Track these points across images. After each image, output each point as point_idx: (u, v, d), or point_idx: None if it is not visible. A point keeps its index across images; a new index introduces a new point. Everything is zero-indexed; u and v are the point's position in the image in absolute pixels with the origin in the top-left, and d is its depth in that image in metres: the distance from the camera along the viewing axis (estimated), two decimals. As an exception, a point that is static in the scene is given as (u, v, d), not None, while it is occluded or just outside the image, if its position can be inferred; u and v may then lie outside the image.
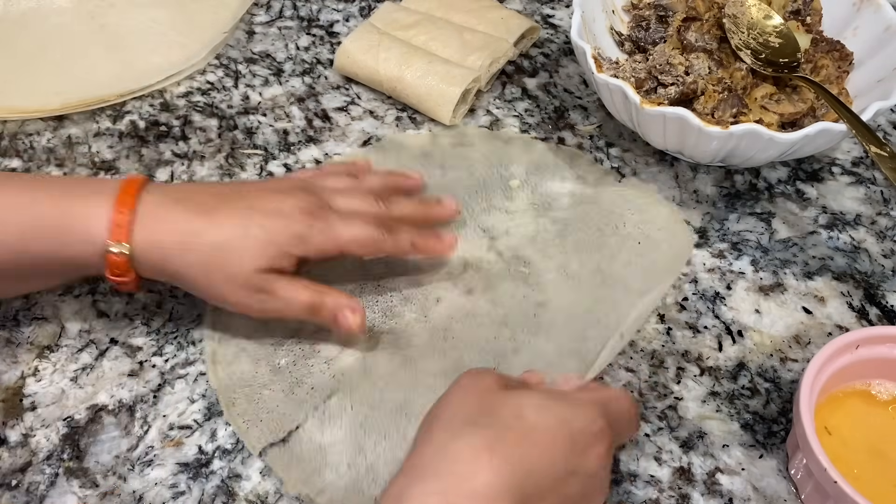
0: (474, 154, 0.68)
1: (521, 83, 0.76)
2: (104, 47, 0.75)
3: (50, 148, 0.69)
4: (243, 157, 0.69)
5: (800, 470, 0.51)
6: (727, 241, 0.64)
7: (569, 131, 0.72)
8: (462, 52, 0.72)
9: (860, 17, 0.68)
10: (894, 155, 0.59)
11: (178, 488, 0.51)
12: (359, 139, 0.70)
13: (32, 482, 0.51)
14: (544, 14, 0.82)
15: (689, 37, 0.66)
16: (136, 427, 0.53)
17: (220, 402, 0.54)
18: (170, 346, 0.57)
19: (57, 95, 0.71)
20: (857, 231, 0.65)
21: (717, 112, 0.63)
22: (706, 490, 0.52)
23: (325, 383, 0.55)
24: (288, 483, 0.51)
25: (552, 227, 0.64)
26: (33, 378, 0.55)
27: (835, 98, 0.61)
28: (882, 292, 0.62)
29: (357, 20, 0.81)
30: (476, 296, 0.60)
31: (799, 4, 0.69)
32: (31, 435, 0.53)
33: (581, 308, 0.59)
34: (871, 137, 0.59)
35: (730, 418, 0.55)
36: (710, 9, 0.68)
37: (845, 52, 0.67)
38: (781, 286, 0.62)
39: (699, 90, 0.64)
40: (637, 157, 0.69)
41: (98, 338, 0.57)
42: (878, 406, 0.53)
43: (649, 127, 0.62)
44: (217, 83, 0.74)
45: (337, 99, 0.74)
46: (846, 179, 0.69)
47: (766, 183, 0.68)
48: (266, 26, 0.80)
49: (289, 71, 0.76)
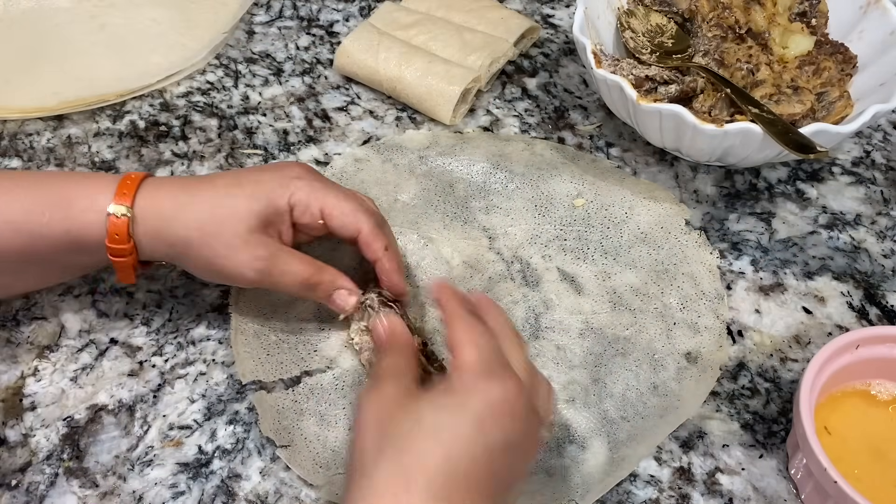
0: (474, 153, 0.68)
1: (521, 83, 0.76)
2: (104, 47, 0.75)
3: (50, 148, 0.69)
4: (243, 157, 0.69)
5: (800, 470, 0.51)
6: (727, 241, 0.64)
7: (569, 131, 0.72)
8: (462, 52, 0.72)
9: (866, 20, 0.68)
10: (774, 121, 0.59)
11: (178, 488, 0.51)
12: (359, 139, 0.70)
13: (32, 482, 0.51)
14: (544, 14, 0.82)
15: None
16: (136, 427, 0.53)
17: (231, 326, 0.56)
18: (170, 346, 0.57)
19: (56, 95, 0.71)
20: (857, 231, 0.65)
21: (715, 111, 0.63)
22: (706, 490, 0.52)
23: (330, 355, 0.56)
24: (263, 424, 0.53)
25: (553, 227, 0.64)
26: (33, 378, 0.55)
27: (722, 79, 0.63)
28: (882, 292, 0.62)
29: (357, 20, 0.81)
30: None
31: (805, 6, 0.69)
32: (31, 435, 0.53)
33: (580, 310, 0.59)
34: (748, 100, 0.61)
35: (730, 418, 0.55)
36: (715, 8, 0.69)
37: (849, 54, 0.67)
38: (781, 286, 0.62)
39: (698, 89, 0.64)
40: (637, 156, 0.69)
41: (98, 338, 0.57)
42: (878, 406, 0.53)
43: (646, 124, 0.63)
44: (217, 83, 0.74)
45: (337, 99, 0.74)
46: (846, 179, 0.69)
47: (766, 183, 0.68)
48: (266, 26, 0.80)
49: (289, 71, 0.76)
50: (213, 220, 0.50)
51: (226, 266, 0.51)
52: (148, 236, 0.51)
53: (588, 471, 0.52)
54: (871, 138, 0.72)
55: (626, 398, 0.55)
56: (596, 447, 0.53)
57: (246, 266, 0.51)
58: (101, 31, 0.76)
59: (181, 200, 0.51)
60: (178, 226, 0.50)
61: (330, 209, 0.53)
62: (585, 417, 0.54)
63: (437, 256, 0.62)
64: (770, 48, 0.68)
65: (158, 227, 0.50)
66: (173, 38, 0.76)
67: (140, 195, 0.50)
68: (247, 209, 0.50)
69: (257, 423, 0.54)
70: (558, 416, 0.54)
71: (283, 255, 0.52)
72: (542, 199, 0.66)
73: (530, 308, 0.59)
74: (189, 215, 0.50)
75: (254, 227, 0.51)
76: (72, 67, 0.73)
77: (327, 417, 0.53)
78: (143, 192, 0.51)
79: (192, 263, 0.52)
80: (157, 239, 0.51)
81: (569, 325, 0.59)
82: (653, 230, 0.64)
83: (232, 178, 0.52)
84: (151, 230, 0.50)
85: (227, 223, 0.50)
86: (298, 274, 0.52)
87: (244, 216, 0.50)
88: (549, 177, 0.67)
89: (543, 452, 0.52)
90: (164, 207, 0.50)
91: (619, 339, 0.58)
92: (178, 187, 0.52)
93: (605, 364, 0.57)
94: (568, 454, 0.53)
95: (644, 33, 0.69)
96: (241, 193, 0.51)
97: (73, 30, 0.76)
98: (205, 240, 0.50)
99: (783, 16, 0.69)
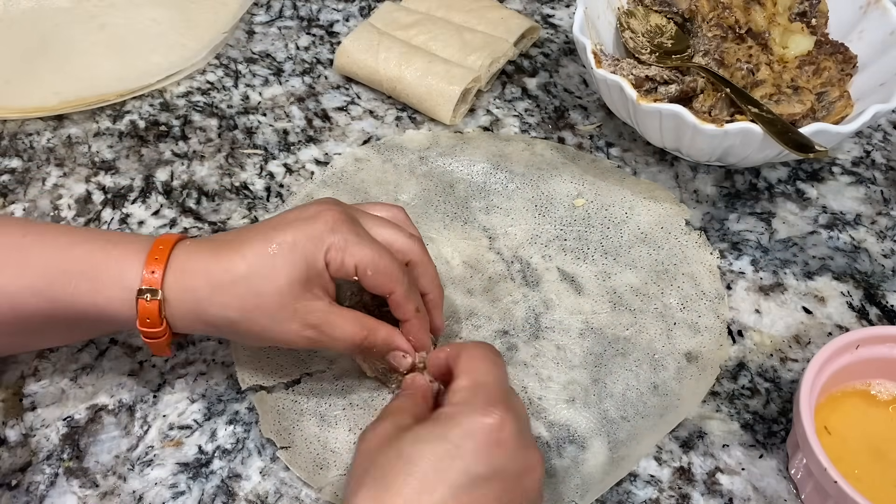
0: (475, 153, 0.68)
1: (521, 83, 0.76)
2: (104, 47, 0.75)
3: (50, 148, 0.69)
4: (243, 157, 0.69)
5: (800, 470, 0.51)
6: (727, 240, 0.64)
7: (569, 131, 0.72)
8: (462, 52, 0.72)
9: (866, 20, 0.68)
10: (774, 121, 0.59)
11: (178, 488, 0.51)
12: (359, 139, 0.70)
13: (32, 482, 0.51)
14: (544, 14, 0.82)
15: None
16: (136, 427, 0.53)
17: None
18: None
19: (56, 95, 0.71)
20: (857, 231, 0.65)
21: (715, 111, 0.63)
22: (706, 490, 0.52)
23: (330, 356, 0.56)
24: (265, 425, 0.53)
25: (553, 227, 0.64)
26: (33, 378, 0.55)
27: (722, 79, 0.63)
28: (882, 292, 0.62)
29: (357, 20, 0.81)
30: (476, 297, 0.60)
31: (805, 6, 0.69)
32: (31, 435, 0.53)
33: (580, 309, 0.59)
34: (747, 100, 0.61)
35: (730, 418, 0.55)
36: (715, 8, 0.69)
37: (849, 54, 0.67)
38: (781, 286, 0.62)
39: (698, 89, 0.64)
40: (637, 156, 0.69)
41: (98, 338, 0.57)
42: (878, 406, 0.53)
43: (646, 124, 0.63)
44: (217, 83, 0.74)
45: (337, 99, 0.74)
46: (846, 179, 0.69)
47: (766, 183, 0.68)
48: (266, 26, 0.80)
49: (289, 71, 0.76)
50: (254, 297, 0.46)
51: (276, 338, 0.48)
52: (183, 317, 0.47)
53: (588, 471, 0.52)
54: (871, 138, 0.72)
55: (627, 398, 0.55)
56: (596, 447, 0.53)
57: (296, 335, 0.48)
58: (101, 31, 0.76)
59: (215, 278, 0.47)
60: (217, 307, 0.47)
61: (363, 268, 0.48)
62: (585, 417, 0.54)
63: (438, 256, 0.62)
64: (770, 48, 0.68)
65: (194, 309, 0.47)
66: (173, 38, 0.76)
67: (170, 271, 0.46)
68: (287, 278, 0.46)
69: (257, 423, 0.54)
70: (558, 416, 0.54)
71: (333, 319, 0.48)
72: (542, 199, 0.65)
73: (530, 308, 0.59)
74: (226, 295, 0.46)
75: (297, 295, 0.47)
76: (72, 67, 0.73)
77: (327, 418, 0.53)
78: (174, 266, 0.47)
79: (240, 339, 0.52)
80: (195, 319, 0.47)
81: (569, 325, 0.59)
82: (653, 230, 0.64)
83: (263, 243, 0.47)
84: (186, 312, 0.47)
85: (268, 298, 0.47)
86: (351, 337, 0.49)
87: (285, 287, 0.47)
88: (550, 177, 0.67)
89: (543, 452, 0.52)
90: (197, 287, 0.47)
91: (619, 339, 0.58)
92: (211, 258, 0.47)
93: (606, 364, 0.57)
94: (568, 454, 0.53)
95: (643, 34, 0.69)
96: (278, 263, 0.47)
97: (73, 30, 0.76)
98: (249, 317, 0.47)
99: (783, 16, 0.69)
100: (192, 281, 0.47)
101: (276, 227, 0.48)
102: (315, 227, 0.48)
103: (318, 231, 0.48)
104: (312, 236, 0.47)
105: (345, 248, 0.48)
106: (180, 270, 0.47)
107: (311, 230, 0.48)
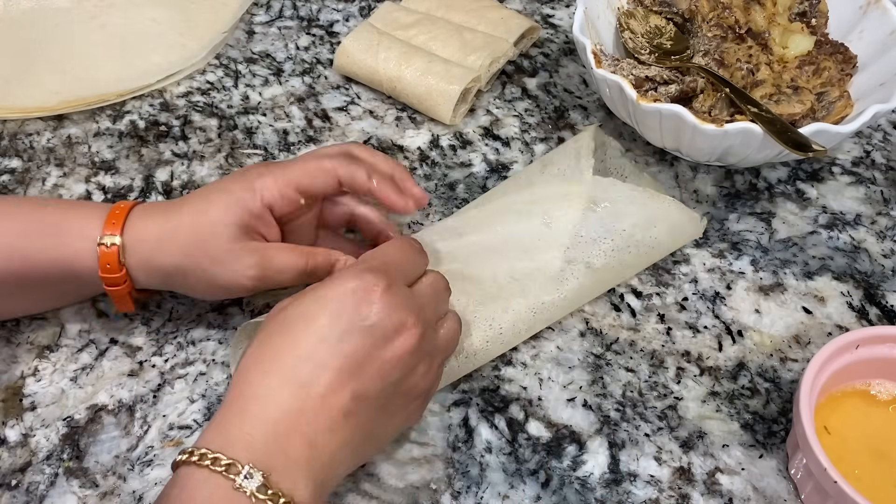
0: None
1: (521, 83, 0.76)
2: (104, 47, 0.75)
3: (50, 148, 0.69)
4: (243, 157, 0.69)
5: (800, 470, 0.51)
6: (727, 240, 0.64)
7: (569, 131, 0.72)
8: (462, 52, 0.72)
9: (866, 20, 0.68)
10: (774, 120, 0.59)
11: (177, 488, 0.51)
12: (359, 139, 0.70)
13: (32, 482, 0.51)
14: (544, 14, 0.82)
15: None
16: (136, 427, 0.53)
17: (231, 343, 0.56)
18: (170, 346, 0.57)
19: (56, 95, 0.71)
20: (857, 231, 0.65)
21: (715, 111, 0.63)
22: (706, 490, 0.52)
23: None
24: None
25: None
26: (33, 378, 0.55)
27: (721, 79, 0.63)
28: (882, 292, 0.62)
29: (357, 20, 0.81)
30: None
31: (805, 6, 0.69)
32: (31, 435, 0.53)
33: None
34: (747, 100, 0.61)
35: (730, 418, 0.55)
36: (715, 9, 0.69)
37: (849, 54, 0.67)
38: (781, 286, 0.62)
39: (698, 89, 0.64)
40: (637, 156, 0.69)
41: (98, 338, 0.57)
42: (878, 406, 0.53)
43: (646, 124, 0.63)
44: (217, 83, 0.74)
45: (337, 99, 0.74)
46: (846, 179, 0.69)
47: (766, 183, 0.68)
48: (266, 26, 0.80)
49: (289, 71, 0.76)
50: (197, 243, 0.51)
51: (224, 283, 0.52)
52: (140, 265, 0.52)
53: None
54: (871, 138, 0.72)
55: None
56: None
57: (240, 275, 0.51)
58: (101, 31, 0.76)
59: (166, 229, 0.51)
60: (164, 255, 0.51)
61: (298, 182, 0.53)
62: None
63: (437, 256, 0.62)
64: (770, 48, 0.68)
65: (148, 257, 0.51)
66: (173, 38, 0.76)
67: (129, 224, 0.51)
68: (222, 223, 0.51)
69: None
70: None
71: (272, 253, 0.52)
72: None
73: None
74: (174, 243, 0.51)
75: (235, 237, 0.51)
76: (72, 67, 0.73)
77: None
78: (132, 221, 0.52)
79: (191, 287, 0.53)
80: (150, 268, 0.52)
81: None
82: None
83: (203, 198, 0.53)
84: (142, 259, 0.51)
85: (209, 242, 0.51)
86: (293, 266, 0.52)
87: (222, 230, 0.51)
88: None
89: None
90: (150, 236, 0.51)
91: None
92: (163, 215, 0.52)
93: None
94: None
95: (643, 34, 0.69)
96: (214, 210, 0.51)
97: (73, 30, 0.76)
98: (194, 262, 0.51)
99: (783, 16, 0.69)
100: (143, 233, 0.51)
101: (213, 185, 0.54)
102: (246, 176, 0.53)
103: (250, 178, 0.53)
104: (244, 183, 0.52)
105: (275, 181, 0.52)
106: (134, 227, 0.52)
107: (243, 179, 0.53)
